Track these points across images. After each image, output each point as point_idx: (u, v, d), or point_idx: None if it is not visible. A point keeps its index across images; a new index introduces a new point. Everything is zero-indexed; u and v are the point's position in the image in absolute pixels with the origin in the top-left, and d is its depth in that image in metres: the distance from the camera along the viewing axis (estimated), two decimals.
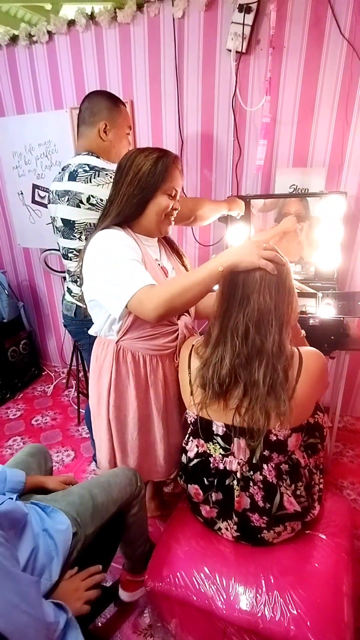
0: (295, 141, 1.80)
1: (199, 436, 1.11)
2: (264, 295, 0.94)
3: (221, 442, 1.07)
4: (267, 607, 0.98)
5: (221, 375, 0.98)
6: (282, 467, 1.04)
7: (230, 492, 1.08)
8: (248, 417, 0.98)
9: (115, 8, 1.87)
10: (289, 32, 1.63)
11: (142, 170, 1.08)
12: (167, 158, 1.10)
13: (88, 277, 1.13)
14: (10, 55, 2.24)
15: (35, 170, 2.47)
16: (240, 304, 0.96)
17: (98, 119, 1.42)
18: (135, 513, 1.24)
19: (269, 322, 0.95)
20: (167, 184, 1.11)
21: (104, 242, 1.08)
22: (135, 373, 1.20)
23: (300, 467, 1.06)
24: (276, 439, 1.00)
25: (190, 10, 1.76)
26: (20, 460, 1.26)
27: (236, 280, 0.97)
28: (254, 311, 0.95)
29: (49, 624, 0.79)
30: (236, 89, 1.78)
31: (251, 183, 1.94)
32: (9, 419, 2.54)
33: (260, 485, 1.04)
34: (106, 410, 1.25)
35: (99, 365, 1.24)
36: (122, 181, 1.11)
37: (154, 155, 1.10)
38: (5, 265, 2.95)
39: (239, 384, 0.98)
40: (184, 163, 2.04)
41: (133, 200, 1.10)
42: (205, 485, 1.12)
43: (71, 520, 1.04)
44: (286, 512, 1.05)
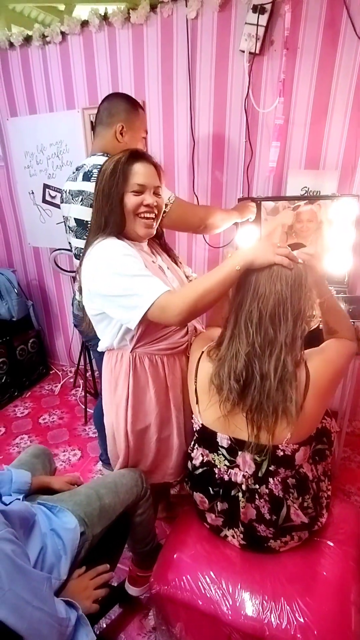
0: (308, 143, 1.78)
1: (203, 445, 1.10)
2: (279, 284, 0.92)
3: (226, 454, 1.05)
4: (273, 614, 0.97)
5: (237, 369, 0.95)
6: (289, 481, 1.02)
7: (235, 502, 1.06)
8: (257, 416, 0.96)
9: (128, 9, 1.87)
10: (303, 33, 1.62)
11: (104, 177, 1.08)
12: (124, 156, 1.07)
13: (93, 291, 1.08)
14: (24, 56, 2.25)
15: (47, 170, 2.48)
16: (255, 293, 0.94)
17: (115, 120, 1.42)
18: (142, 513, 1.25)
19: (283, 313, 0.93)
20: (128, 182, 1.06)
21: (107, 254, 1.05)
22: (155, 377, 1.19)
23: (307, 480, 1.04)
24: (283, 455, 0.98)
25: (204, 11, 1.75)
26: (25, 461, 1.27)
27: (251, 271, 0.96)
28: (268, 299, 0.93)
29: (61, 619, 0.80)
30: (249, 90, 1.77)
31: (262, 185, 1.93)
32: (17, 417, 2.55)
33: (266, 498, 1.02)
34: (124, 421, 1.22)
35: (114, 377, 1.22)
36: (95, 193, 1.11)
37: (115, 158, 1.08)
38: (15, 264, 2.97)
39: (255, 377, 0.95)
40: (195, 163, 2.03)
41: (105, 209, 1.08)
42: (210, 494, 1.11)
43: (78, 519, 1.04)
44: (293, 524, 1.04)
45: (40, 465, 1.28)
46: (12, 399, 2.73)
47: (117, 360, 1.20)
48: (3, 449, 2.26)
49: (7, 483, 1.08)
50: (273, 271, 0.93)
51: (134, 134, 1.46)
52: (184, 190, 2.11)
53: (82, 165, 1.46)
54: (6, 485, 1.08)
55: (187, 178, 2.08)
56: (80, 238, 1.47)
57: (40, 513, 1.02)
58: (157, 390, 1.20)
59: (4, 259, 3.02)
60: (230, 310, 1.01)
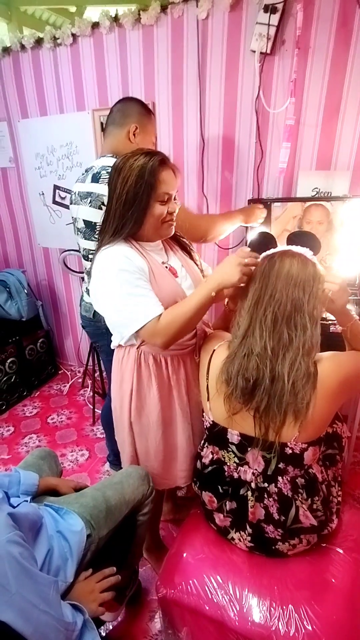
0: (319, 143, 1.76)
1: (213, 443, 1.10)
2: (296, 291, 0.93)
3: (236, 451, 1.05)
4: (281, 622, 0.96)
5: (248, 369, 0.96)
6: (298, 480, 1.01)
7: (244, 502, 1.06)
8: (265, 416, 0.95)
9: (139, 10, 1.87)
10: (315, 32, 1.60)
11: (129, 183, 1.04)
12: (152, 163, 1.04)
13: (97, 298, 1.12)
14: (35, 58, 2.27)
15: (57, 171, 2.49)
16: (271, 297, 0.95)
17: (129, 121, 1.44)
18: (145, 513, 1.24)
19: (300, 319, 0.94)
20: (157, 191, 1.05)
21: (110, 265, 1.06)
22: (158, 375, 1.20)
23: (317, 482, 1.03)
24: (292, 453, 0.98)
25: (215, 11, 1.74)
26: (32, 463, 1.28)
27: (269, 274, 0.97)
28: (285, 305, 0.93)
29: (67, 624, 0.80)
30: (259, 90, 1.75)
31: (272, 186, 1.91)
32: (25, 417, 2.57)
33: (275, 497, 1.02)
34: (128, 413, 1.25)
35: (121, 370, 1.24)
36: (111, 195, 1.08)
37: (138, 162, 1.04)
38: (25, 265, 2.99)
39: (265, 379, 0.95)
40: (204, 164, 2.02)
41: (126, 215, 1.07)
42: (219, 493, 1.10)
43: (85, 522, 1.04)
44: (302, 526, 1.03)
45: (46, 466, 1.28)
46: (21, 399, 2.75)
47: (125, 354, 1.22)
48: (12, 448, 2.27)
49: (15, 484, 1.09)
50: (291, 277, 0.94)
51: (146, 137, 1.48)
52: (193, 191, 2.11)
53: (91, 167, 1.46)
54: (14, 487, 1.08)
55: (197, 179, 2.07)
56: (89, 239, 1.48)
57: (47, 515, 1.03)
58: (159, 389, 1.21)
59: (14, 260, 3.04)
60: (244, 308, 1.00)
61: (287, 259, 0.97)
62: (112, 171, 1.10)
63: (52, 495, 1.17)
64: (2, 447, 2.29)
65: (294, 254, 0.98)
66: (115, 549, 1.15)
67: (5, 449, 2.27)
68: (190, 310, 1.03)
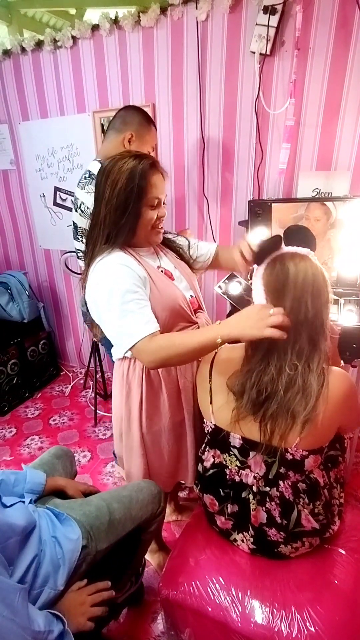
0: (319, 144, 1.76)
1: (215, 446, 1.10)
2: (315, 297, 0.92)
3: (237, 455, 1.04)
4: (283, 623, 0.96)
5: (263, 381, 0.94)
6: (299, 485, 1.00)
7: (246, 505, 1.05)
8: (271, 423, 0.95)
9: (139, 12, 1.88)
10: (315, 33, 1.60)
11: (119, 187, 1.01)
12: (142, 166, 1.01)
13: (93, 311, 1.11)
14: (35, 60, 2.27)
15: (58, 173, 2.50)
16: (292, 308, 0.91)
17: (127, 128, 1.48)
18: (151, 532, 1.22)
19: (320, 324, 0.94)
20: (148, 195, 1.03)
21: (105, 282, 1.04)
22: (168, 381, 1.19)
23: (319, 486, 1.02)
24: (292, 459, 0.97)
25: (214, 13, 1.75)
26: (46, 461, 1.26)
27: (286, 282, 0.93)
28: (306, 314, 0.91)
29: (35, 632, 0.76)
30: (259, 91, 1.76)
31: (273, 187, 1.92)
32: (27, 418, 2.58)
33: (277, 501, 1.01)
34: (138, 424, 1.22)
35: (128, 382, 1.21)
36: (100, 199, 1.05)
37: (128, 165, 1.01)
38: (27, 266, 3.00)
39: (279, 391, 0.93)
40: (205, 165, 2.03)
41: (119, 222, 1.04)
42: (220, 496, 1.10)
43: (83, 531, 1.01)
44: (303, 530, 1.02)
45: (60, 466, 1.27)
46: (23, 400, 2.75)
47: (130, 365, 1.19)
48: (14, 450, 2.28)
49: (21, 482, 1.08)
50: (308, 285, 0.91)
51: (141, 146, 1.51)
52: (194, 192, 2.11)
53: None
54: (20, 485, 1.08)
55: (197, 180, 2.08)
56: (76, 240, 1.61)
57: (45, 518, 1.01)
58: (169, 394, 1.20)
59: (16, 261, 3.05)
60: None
61: (299, 262, 0.93)
62: (100, 175, 1.07)
63: (60, 496, 1.15)
64: (4, 448, 2.30)
65: (302, 257, 0.95)
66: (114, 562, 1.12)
67: (7, 450, 2.28)
68: (190, 345, 0.98)
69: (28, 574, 0.87)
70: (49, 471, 1.20)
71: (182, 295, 1.17)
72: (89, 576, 1.01)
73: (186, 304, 1.17)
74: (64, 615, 0.86)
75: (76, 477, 1.38)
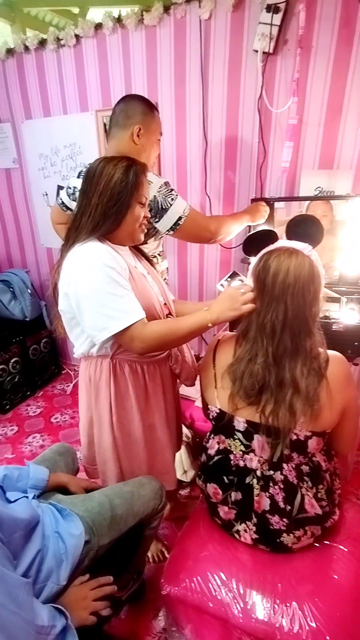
0: (322, 143, 1.76)
1: (220, 432, 1.11)
2: (296, 297, 0.92)
3: (242, 439, 1.05)
4: (285, 618, 0.96)
5: (253, 372, 0.97)
6: (303, 468, 1.02)
7: (249, 491, 1.06)
8: (273, 417, 0.97)
9: (142, 11, 1.88)
10: (318, 32, 1.60)
11: (114, 179, 1.05)
12: (136, 167, 1.08)
13: (71, 295, 1.06)
14: (39, 59, 2.28)
15: (61, 171, 2.51)
16: (269, 304, 0.95)
17: (132, 122, 1.40)
18: (153, 527, 1.23)
19: (304, 323, 0.94)
20: (139, 191, 1.08)
21: (92, 261, 1.02)
22: (135, 384, 1.19)
23: (321, 470, 1.04)
24: (296, 439, 0.99)
25: (217, 12, 1.75)
26: (48, 457, 1.27)
27: (265, 281, 0.95)
28: (285, 313, 0.93)
29: (40, 627, 0.76)
30: (262, 90, 1.76)
31: (275, 185, 1.92)
32: (29, 416, 2.58)
33: (280, 485, 1.02)
34: (110, 428, 1.23)
35: (94, 385, 1.21)
36: (92, 191, 1.06)
37: (122, 164, 1.07)
38: (29, 265, 3.00)
39: (271, 384, 0.96)
40: (207, 164, 2.03)
41: (109, 211, 1.06)
42: (225, 484, 1.10)
43: (86, 527, 1.02)
44: (307, 515, 1.03)
45: (62, 462, 1.28)
46: (25, 398, 2.76)
47: (97, 367, 1.19)
48: (16, 448, 2.28)
49: (24, 477, 1.08)
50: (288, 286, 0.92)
51: (150, 136, 1.45)
52: (196, 191, 2.11)
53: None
54: (23, 480, 1.08)
55: (200, 179, 2.08)
56: None
57: (48, 513, 1.02)
58: (137, 397, 1.20)
59: (18, 260, 3.06)
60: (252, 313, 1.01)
61: (283, 261, 0.93)
62: (94, 168, 1.08)
63: (62, 492, 1.16)
64: (6, 446, 2.30)
65: (290, 253, 0.94)
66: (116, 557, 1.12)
67: (9, 448, 2.28)
68: (184, 330, 1.05)
69: (32, 569, 0.88)
70: (51, 468, 1.20)
71: (158, 299, 1.19)
72: (91, 572, 1.02)
73: (160, 307, 1.19)
74: (67, 610, 0.86)
75: (78, 473, 1.39)
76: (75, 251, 1.06)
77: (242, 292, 1.00)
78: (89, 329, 1.08)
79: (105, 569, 1.05)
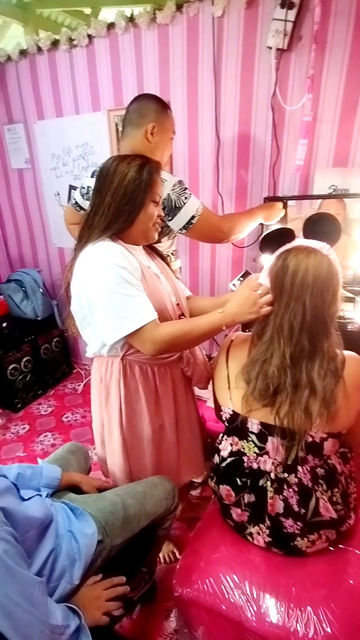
0: (337, 140, 1.74)
1: (233, 434, 1.09)
2: (315, 298, 0.90)
3: (256, 441, 1.04)
4: (299, 623, 0.94)
5: (268, 374, 0.95)
6: (318, 471, 1.00)
7: (263, 494, 1.04)
8: (288, 419, 0.95)
9: (154, 9, 1.88)
10: (333, 27, 1.58)
11: (128, 177, 1.04)
12: (150, 165, 1.07)
13: (82, 295, 1.06)
14: (51, 60, 2.29)
15: (72, 171, 2.52)
16: (286, 305, 0.93)
17: (146, 120, 1.41)
18: (166, 528, 1.22)
19: (322, 324, 0.92)
20: (153, 191, 1.07)
21: (103, 261, 1.02)
22: (145, 385, 1.19)
23: (336, 472, 1.02)
24: (312, 441, 0.97)
25: (230, 9, 1.74)
26: (61, 456, 1.27)
27: (284, 281, 0.93)
28: (304, 314, 0.91)
29: (54, 627, 0.77)
30: (276, 87, 1.74)
31: (289, 184, 1.90)
32: (41, 415, 2.60)
33: (295, 488, 1.01)
34: (119, 428, 1.22)
35: (105, 385, 1.21)
36: (105, 189, 1.06)
37: (136, 162, 1.06)
38: (41, 264, 3.02)
39: (287, 386, 0.94)
40: (220, 163, 2.02)
41: (122, 210, 1.05)
42: (238, 485, 1.09)
43: (98, 527, 1.02)
44: (322, 519, 1.01)
45: (74, 462, 1.28)
46: (36, 397, 2.78)
47: (107, 367, 1.19)
48: (27, 446, 2.30)
49: (37, 476, 1.09)
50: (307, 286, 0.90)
51: (164, 135, 1.45)
52: (208, 190, 2.10)
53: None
54: (37, 479, 1.09)
55: (212, 178, 2.07)
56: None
57: (61, 512, 1.02)
58: (147, 399, 1.20)
59: (30, 259, 3.08)
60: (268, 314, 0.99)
61: (302, 260, 0.91)
62: (108, 166, 1.08)
63: (75, 491, 1.16)
64: (17, 444, 2.32)
65: (309, 252, 0.92)
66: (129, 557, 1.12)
67: (20, 446, 2.30)
68: (197, 332, 1.04)
69: (45, 567, 0.88)
70: (63, 467, 1.20)
71: (170, 300, 1.17)
72: (103, 572, 1.02)
73: (172, 308, 1.18)
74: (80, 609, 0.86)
75: (90, 472, 1.39)
76: (88, 251, 1.05)
77: (259, 293, 0.96)
78: (100, 329, 1.07)
79: (118, 569, 1.05)
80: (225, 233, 1.48)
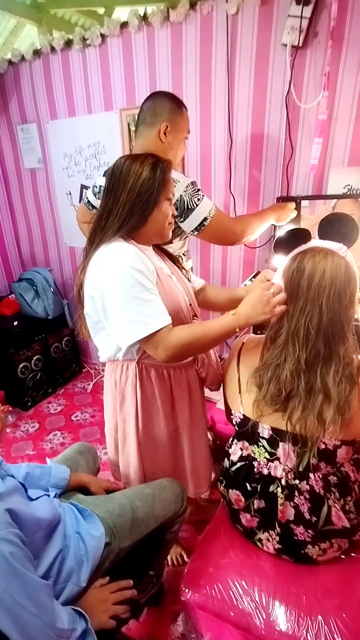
0: (352, 139, 1.70)
1: (243, 438, 1.07)
2: (332, 301, 0.88)
3: (266, 446, 1.02)
4: (309, 633, 0.92)
5: (281, 378, 0.93)
6: (330, 478, 0.98)
7: (273, 500, 1.02)
8: (300, 425, 0.93)
9: (168, 8, 1.86)
10: (350, 24, 1.54)
11: (142, 177, 1.03)
12: (163, 164, 1.06)
13: (97, 298, 1.05)
14: (64, 59, 2.30)
15: (84, 171, 2.52)
16: (302, 309, 0.90)
17: (160, 119, 1.39)
18: (174, 531, 1.21)
19: (339, 328, 0.90)
20: (167, 189, 1.07)
21: (118, 263, 1.00)
22: (161, 388, 1.18)
23: (349, 481, 1.00)
24: (325, 448, 0.95)
25: (245, 6, 1.71)
26: (69, 456, 1.27)
27: (299, 283, 0.90)
28: (320, 317, 0.89)
29: (60, 630, 0.76)
30: (290, 85, 1.71)
31: (302, 183, 1.87)
32: (50, 414, 2.60)
33: (306, 495, 0.98)
34: (135, 432, 1.21)
35: (120, 390, 1.20)
36: (120, 189, 1.04)
37: (149, 161, 1.05)
38: (52, 264, 3.04)
39: (300, 391, 0.92)
40: (232, 162, 1.99)
41: (136, 209, 1.04)
42: (247, 491, 1.07)
43: (106, 529, 1.01)
44: (333, 528, 0.99)
45: (83, 462, 1.28)
46: (46, 396, 2.79)
47: (123, 371, 1.18)
48: (37, 445, 2.30)
49: (46, 476, 1.09)
50: (324, 288, 0.87)
51: (177, 134, 1.43)
52: (220, 189, 2.08)
53: None
54: (45, 479, 1.08)
55: (224, 177, 2.05)
56: None
57: (69, 513, 1.01)
58: (163, 402, 1.19)
59: (42, 258, 3.10)
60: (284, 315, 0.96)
61: (319, 262, 0.88)
62: (120, 166, 1.07)
63: (83, 492, 1.15)
64: (27, 443, 2.33)
65: (325, 254, 0.89)
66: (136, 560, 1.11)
67: (30, 445, 2.31)
68: (209, 337, 1.01)
69: (52, 569, 0.87)
70: (72, 467, 1.20)
71: (184, 301, 1.16)
72: (110, 574, 1.00)
73: (186, 308, 1.17)
74: (86, 612, 0.85)
75: (98, 473, 1.38)
76: (102, 253, 1.04)
77: (272, 292, 0.94)
78: (114, 333, 1.06)
79: (125, 572, 1.04)
80: (237, 235, 1.46)
